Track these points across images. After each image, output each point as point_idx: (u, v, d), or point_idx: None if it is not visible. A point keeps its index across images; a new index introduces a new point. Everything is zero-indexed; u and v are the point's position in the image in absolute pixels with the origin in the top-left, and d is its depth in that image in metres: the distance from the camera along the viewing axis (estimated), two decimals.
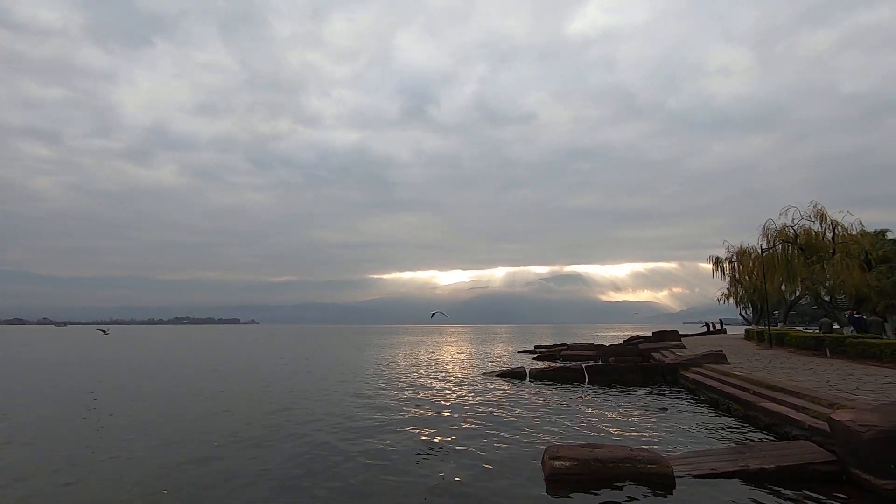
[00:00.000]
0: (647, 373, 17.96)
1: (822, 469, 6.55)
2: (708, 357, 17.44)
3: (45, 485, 6.90)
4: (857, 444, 6.21)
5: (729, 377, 13.46)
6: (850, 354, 16.95)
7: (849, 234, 25.59)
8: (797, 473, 6.54)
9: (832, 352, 18.15)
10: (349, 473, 7.26)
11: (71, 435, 9.87)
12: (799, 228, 26.34)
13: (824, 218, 26.00)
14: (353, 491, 6.57)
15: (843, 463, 6.50)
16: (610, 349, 29.99)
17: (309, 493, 6.48)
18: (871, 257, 25.17)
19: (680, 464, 6.88)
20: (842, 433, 6.52)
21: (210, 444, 9.01)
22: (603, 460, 6.60)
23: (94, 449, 8.74)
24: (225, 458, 8.10)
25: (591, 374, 17.97)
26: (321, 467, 7.59)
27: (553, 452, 6.94)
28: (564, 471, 6.58)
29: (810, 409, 8.75)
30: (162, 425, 10.69)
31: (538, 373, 18.75)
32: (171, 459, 8.01)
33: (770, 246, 26.77)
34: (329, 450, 8.57)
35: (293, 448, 8.69)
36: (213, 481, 6.92)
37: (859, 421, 6.32)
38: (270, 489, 6.63)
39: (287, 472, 7.30)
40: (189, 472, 7.37)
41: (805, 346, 20.87)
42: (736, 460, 6.90)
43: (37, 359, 30.77)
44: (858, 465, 6.24)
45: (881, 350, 15.39)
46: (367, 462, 7.82)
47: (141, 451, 8.58)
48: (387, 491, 6.57)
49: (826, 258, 25.04)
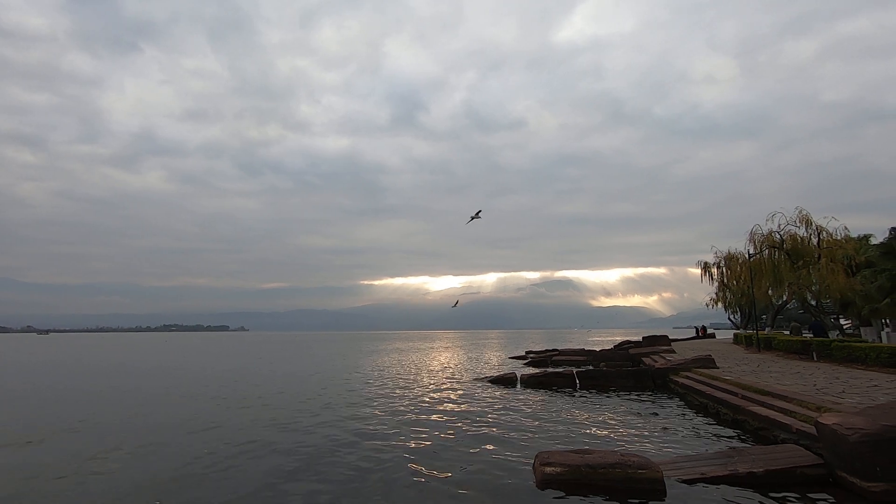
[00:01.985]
0: (637, 378, 18.03)
1: (810, 472, 6.61)
2: (697, 362, 17.57)
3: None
4: (843, 447, 6.28)
5: (718, 382, 13.56)
6: (837, 358, 17.18)
7: (833, 239, 26.03)
8: (785, 477, 6.59)
9: (819, 355, 18.38)
10: (339, 478, 7.19)
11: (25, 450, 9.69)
12: (785, 234, 26.75)
13: (809, 223, 26.44)
14: (343, 496, 6.51)
15: (829, 466, 6.57)
16: (601, 354, 30.10)
17: (299, 497, 6.42)
18: (855, 262, 25.59)
19: (670, 469, 6.91)
20: (828, 437, 6.59)
21: (193, 455, 8.88)
22: (594, 466, 6.60)
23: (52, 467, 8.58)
24: (210, 466, 7.99)
25: (583, 380, 18.01)
26: (311, 471, 7.53)
27: (544, 458, 6.93)
28: (555, 476, 6.58)
29: (798, 412, 8.85)
30: (140, 434, 10.53)
31: (529, 378, 18.75)
32: (149, 471, 7.88)
33: (757, 251, 27.14)
34: (319, 455, 8.50)
35: (284, 452, 8.59)
36: (204, 490, 6.82)
37: (846, 424, 6.39)
38: (262, 491, 6.54)
39: (278, 476, 7.21)
40: (171, 483, 7.26)
41: (792, 349, 21.12)
42: (725, 465, 6.94)
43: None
44: (845, 468, 6.30)
45: (866, 354, 15.62)
46: (357, 467, 7.76)
47: (137, 453, 8.45)
48: (377, 496, 6.52)
49: (812, 263, 25.43)
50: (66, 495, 6.81)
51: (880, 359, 14.89)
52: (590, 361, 27.13)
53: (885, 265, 23.00)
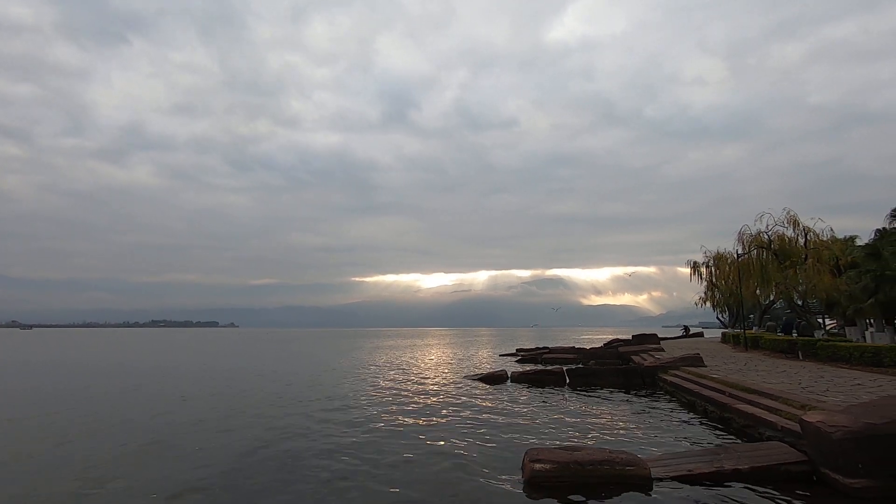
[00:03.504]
0: (626, 376, 18.18)
1: (794, 469, 6.72)
2: (685, 360, 17.75)
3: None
4: (826, 444, 6.38)
5: (705, 380, 13.72)
6: (822, 357, 17.44)
7: (820, 240, 26.36)
8: (770, 473, 6.69)
9: (804, 355, 18.65)
10: (325, 477, 7.17)
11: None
12: (773, 234, 27.03)
13: (797, 224, 26.74)
14: (329, 494, 6.49)
15: (813, 463, 6.68)
16: (590, 352, 30.29)
17: (288, 495, 6.39)
18: (841, 263, 25.95)
19: (657, 465, 6.98)
20: (812, 434, 6.69)
21: (183, 453, 8.82)
22: (582, 462, 6.66)
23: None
24: (201, 467, 7.93)
25: (572, 377, 18.13)
26: (299, 470, 7.48)
27: (533, 455, 6.97)
28: (544, 473, 6.62)
29: (783, 410, 8.97)
30: (121, 432, 10.43)
31: (519, 376, 18.83)
32: (138, 471, 7.81)
33: (745, 251, 27.41)
34: (308, 452, 8.46)
35: (273, 449, 8.56)
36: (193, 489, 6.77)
37: (829, 422, 6.50)
38: (251, 492, 6.51)
39: (268, 476, 7.17)
40: (159, 482, 7.20)
41: (779, 349, 21.40)
42: (711, 461, 7.02)
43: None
44: (828, 464, 6.41)
45: (850, 353, 15.87)
46: (346, 464, 7.75)
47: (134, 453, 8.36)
48: (367, 493, 6.51)
49: (799, 263, 25.74)
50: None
51: (864, 358, 15.15)
52: (580, 360, 27.31)
53: (870, 266, 23.34)
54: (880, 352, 14.70)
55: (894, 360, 14.03)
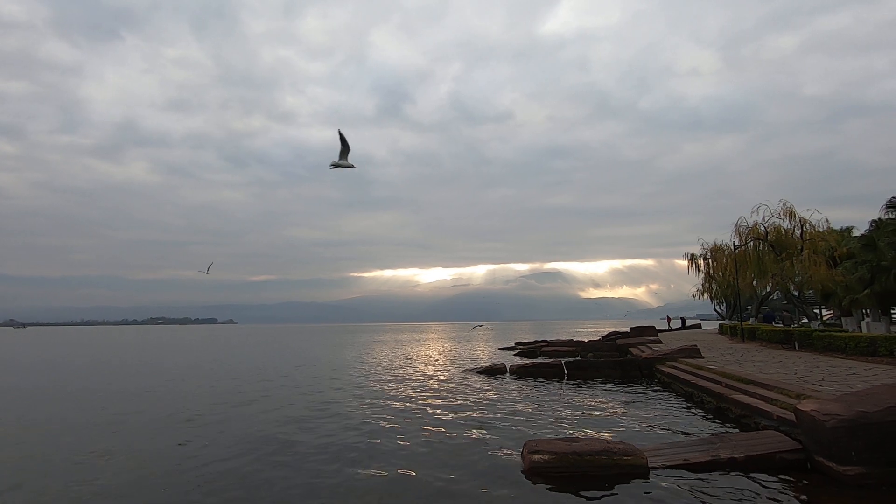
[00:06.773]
0: (624, 368, 18.31)
1: (789, 457, 6.82)
2: (682, 352, 17.88)
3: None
4: (820, 433, 6.48)
5: (702, 371, 13.84)
6: (817, 347, 17.61)
7: (816, 231, 26.51)
8: (765, 462, 6.79)
9: (800, 345, 18.82)
10: (325, 469, 7.24)
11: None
12: (769, 226, 27.16)
13: (793, 216, 26.87)
14: (329, 487, 6.57)
15: (807, 451, 6.78)
16: (589, 345, 30.44)
17: (286, 490, 6.47)
18: (837, 254, 26.09)
19: (654, 455, 7.08)
20: (807, 423, 6.79)
21: (179, 450, 8.88)
22: (580, 453, 6.74)
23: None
24: (196, 465, 8.00)
25: (570, 370, 18.24)
26: (296, 462, 7.56)
27: (532, 446, 7.06)
28: (543, 464, 6.71)
29: (778, 400, 9.08)
30: (108, 431, 10.49)
31: (518, 369, 18.94)
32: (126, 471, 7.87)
33: (742, 243, 27.53)
34: (306, 445, 8.54)
35: (270, 445, 8.62)
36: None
37: (823, 411, 6.59)
38: (246, 490, 6.59)
39: (261, 474, 7.24)
40: (151, 480, 7.26)
41: (775, 339, 21.59)
42: (708, 451, 7.12)
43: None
44: (822, 452, 6.51)
45: (846, 343, 16.03)
46: (345, 457, 7.82)
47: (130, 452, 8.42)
48: (366, 486, 6.59)
49: (795, 255, 25.88)
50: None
51: (859, 348, 15.30)
52: (578, 352, 27.45)
53: (866, 257, 23.47)
54: (875, 341, 14.86)
55: (889, 350, 14.18)
